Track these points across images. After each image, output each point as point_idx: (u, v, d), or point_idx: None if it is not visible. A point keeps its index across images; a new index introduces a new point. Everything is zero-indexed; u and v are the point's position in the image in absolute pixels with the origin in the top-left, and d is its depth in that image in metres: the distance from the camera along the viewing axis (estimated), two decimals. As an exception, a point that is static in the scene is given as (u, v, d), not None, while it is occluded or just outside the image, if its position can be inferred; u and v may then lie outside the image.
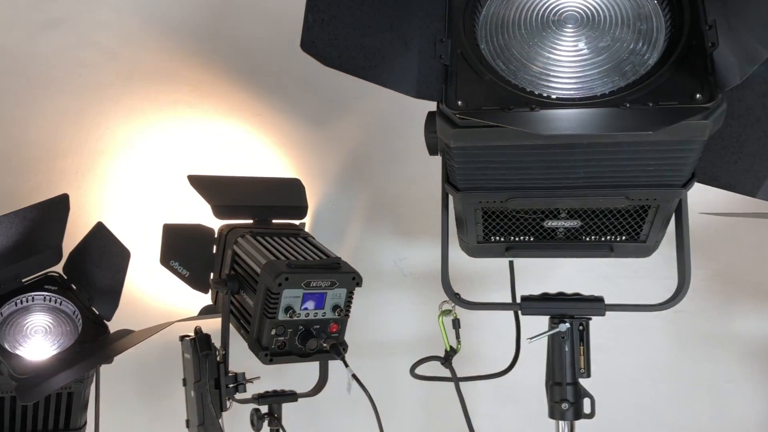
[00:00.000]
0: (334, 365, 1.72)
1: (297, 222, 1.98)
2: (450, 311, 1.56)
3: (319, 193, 2.30)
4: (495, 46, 1.21)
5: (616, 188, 1.23)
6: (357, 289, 1.70)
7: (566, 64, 1.16)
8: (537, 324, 1.51)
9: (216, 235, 1.85)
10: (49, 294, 1.64)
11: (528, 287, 1.56)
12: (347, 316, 1.71)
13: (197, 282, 1.91)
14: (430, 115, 1.44)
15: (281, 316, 1.61)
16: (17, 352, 1.54)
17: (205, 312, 1.95)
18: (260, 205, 1.91)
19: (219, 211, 1.86)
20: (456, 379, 1.55)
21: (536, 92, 1.14)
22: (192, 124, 2.27)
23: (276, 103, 2.27)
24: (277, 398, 1.77)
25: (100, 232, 1.61)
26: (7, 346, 1.56)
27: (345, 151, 2.27)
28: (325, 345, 1.66)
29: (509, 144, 1.16)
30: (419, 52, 1.17)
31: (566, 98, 1.14)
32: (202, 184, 1.91)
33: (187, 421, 1.74)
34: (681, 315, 2.19)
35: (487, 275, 2.19)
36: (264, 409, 1.75)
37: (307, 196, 2.00)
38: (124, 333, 1.61)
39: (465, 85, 1.16)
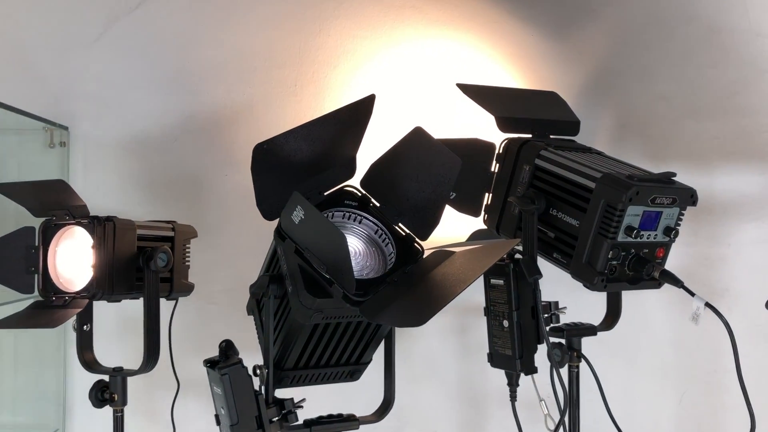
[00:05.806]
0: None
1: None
2: None
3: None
4: None
5: None
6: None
7: None
8: None
9: (501, 150, 1.66)
10: (349, 211, 1.44)
11: None
12: (674, 240, 1.52)
13: (466, 204, 1.72)
14: None
15: (621, 237, 1.42)
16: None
17: (475, 237, 1.76)
18: (544, 118, 1.71)
19: (504, 124, 1.65)
20: None
21: None
22: (420, 31, 2.04)
23: (513, 9, 2.03)
24: (578, 331, 1.61)
25: (417, 138, 1.38)
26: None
27: (588, 65, 2.04)
28: (654, 274, 1.48)
29: None
30: None
31: None
32: (480, 94, 1.70)
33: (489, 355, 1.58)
34: None
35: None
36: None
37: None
38: (442, 255, 1.41)
39: None
